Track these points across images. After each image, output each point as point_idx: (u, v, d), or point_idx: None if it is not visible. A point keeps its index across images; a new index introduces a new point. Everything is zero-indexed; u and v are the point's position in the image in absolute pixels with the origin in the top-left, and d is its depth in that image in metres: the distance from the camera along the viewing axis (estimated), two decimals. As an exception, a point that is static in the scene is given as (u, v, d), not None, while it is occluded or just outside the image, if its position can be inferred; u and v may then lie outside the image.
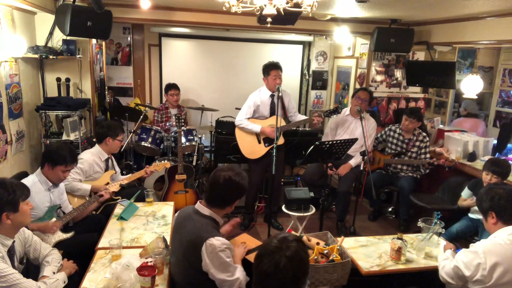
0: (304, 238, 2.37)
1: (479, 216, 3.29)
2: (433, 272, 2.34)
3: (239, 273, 1.96)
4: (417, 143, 4.27)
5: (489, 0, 3.16)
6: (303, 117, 4.13)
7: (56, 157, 2.64)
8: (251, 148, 4.00)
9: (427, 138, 4.29)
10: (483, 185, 3.27)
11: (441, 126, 5.24)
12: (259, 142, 3.99)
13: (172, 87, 5.02)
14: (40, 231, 2.47)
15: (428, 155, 4.23)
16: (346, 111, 4.35)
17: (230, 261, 1.94)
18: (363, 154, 3.77)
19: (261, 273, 1.50)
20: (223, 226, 2.39)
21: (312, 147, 3.36)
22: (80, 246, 2.59)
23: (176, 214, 2.25)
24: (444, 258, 2.30)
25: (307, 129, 4.09)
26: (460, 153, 4.30)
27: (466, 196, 3.44)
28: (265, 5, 1.94)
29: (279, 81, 3.86)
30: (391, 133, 4.45)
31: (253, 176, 4.09)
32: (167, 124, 4.87)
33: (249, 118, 3.99)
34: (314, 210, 3.58)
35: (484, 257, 2.03)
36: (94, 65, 4.45)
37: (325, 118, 3.94)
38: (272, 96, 3.99)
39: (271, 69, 3.88)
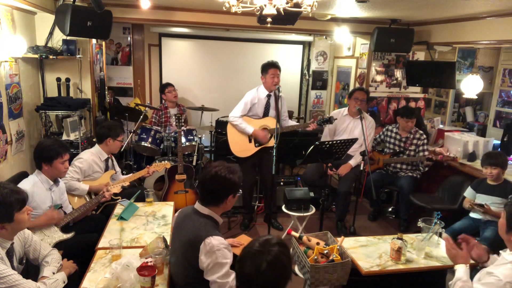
0: (304, 238, 2.37)
1: (480, 216, 3.31)
2: (433, 272, 2.33)
3: (232, 277, 1.90)
4: (414, 141, 4.27)
5: (489, 0, 3.16)
6: (295, 123, 4.12)
7: (49, 154, 2.65)
8: (241, 146, 3.98)
9: (424, 136, 4.29)
10: (487, 184, 3.33)
11: (441, 126, 5.24)
12: (250, 141, 3.98)
13: (167, 85, 5.10)
14: (45, 224, 2.50)
15: (426, 153, 4.24)
16: (344, 111, 4.35)
17: (225, 262, 1.90)
18: (363, 154, 3.77)
19: (243, 275, 1.54)
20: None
21: (312, 147, 3.36)
22: (80, 246, 2.60)
23: (176, 214, 2.24)
24: (458, 278, 2.02)
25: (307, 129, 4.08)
26: (460, 153, 4.30)
27: (469, 195, 3.44)
28: (265, 5, 1.94)
29: (277, 80, 3.85)
30: (388, 133, 4.47)
31: (245, 175, 4.08)
32: (167, 130, 4.87)
33: (243, 116, 3.98)
34: (314, 210, 3.59)
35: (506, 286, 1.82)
36: (94, 65, 4.45)
37: (318, 125, 3.94)
38: (268, 96, 3.98)
39: (269, 67, 3.87)
